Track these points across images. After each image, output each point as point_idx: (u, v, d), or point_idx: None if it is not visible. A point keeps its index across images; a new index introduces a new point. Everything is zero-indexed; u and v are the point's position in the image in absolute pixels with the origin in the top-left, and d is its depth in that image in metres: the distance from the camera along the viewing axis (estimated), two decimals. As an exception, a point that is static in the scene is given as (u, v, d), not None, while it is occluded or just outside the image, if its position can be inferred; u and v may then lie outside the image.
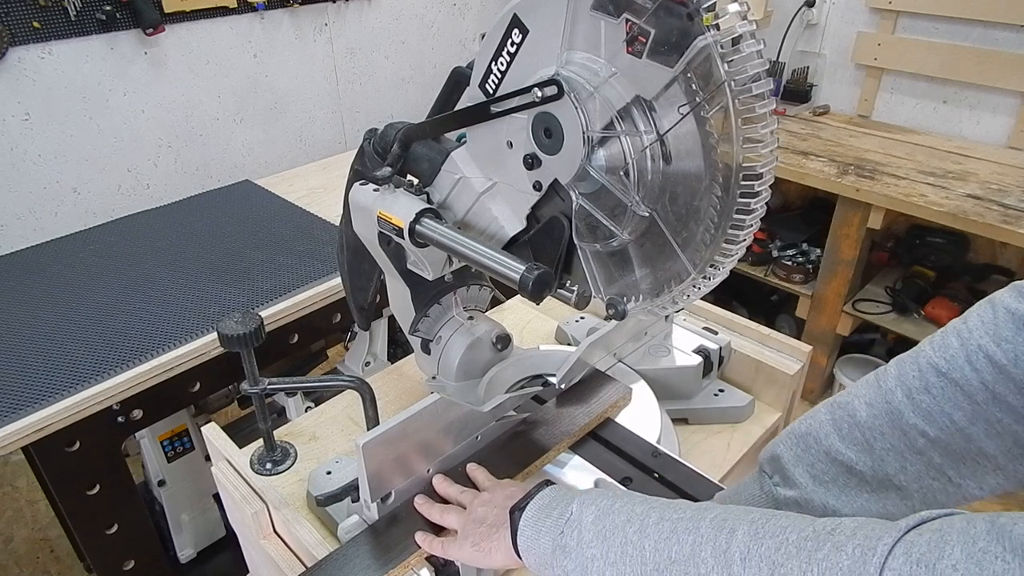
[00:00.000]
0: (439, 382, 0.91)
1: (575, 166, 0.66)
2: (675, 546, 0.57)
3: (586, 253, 0.72)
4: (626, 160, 0.63)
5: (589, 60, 0.62)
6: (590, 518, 0.64)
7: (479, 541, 0.73)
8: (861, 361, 2.60)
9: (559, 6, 0.62)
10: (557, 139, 0.67)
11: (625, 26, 0.58)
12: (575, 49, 0.63)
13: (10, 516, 2.23)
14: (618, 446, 0.95)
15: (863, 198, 2.16)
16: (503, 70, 0.69)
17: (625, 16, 0.58)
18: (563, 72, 0.64)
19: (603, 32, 0.60)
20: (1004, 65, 2.32)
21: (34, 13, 2.09)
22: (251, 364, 0.91)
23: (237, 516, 1.01)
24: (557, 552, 0.65)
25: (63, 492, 1.30)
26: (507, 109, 0.69)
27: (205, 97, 2.59)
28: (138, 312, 1.44)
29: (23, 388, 1.23)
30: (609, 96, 0.62)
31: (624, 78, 0.61)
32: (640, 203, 0.64)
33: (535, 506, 0.70)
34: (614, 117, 0.62)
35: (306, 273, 1.56)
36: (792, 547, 0.51)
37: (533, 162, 0.71)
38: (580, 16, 0.61)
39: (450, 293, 0.91)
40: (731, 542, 0.54)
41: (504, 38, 0.67)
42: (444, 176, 0.82)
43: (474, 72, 0.72)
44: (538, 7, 0.64)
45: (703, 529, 0.57)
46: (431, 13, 3.17)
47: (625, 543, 0.60)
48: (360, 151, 0.93)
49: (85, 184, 2.39)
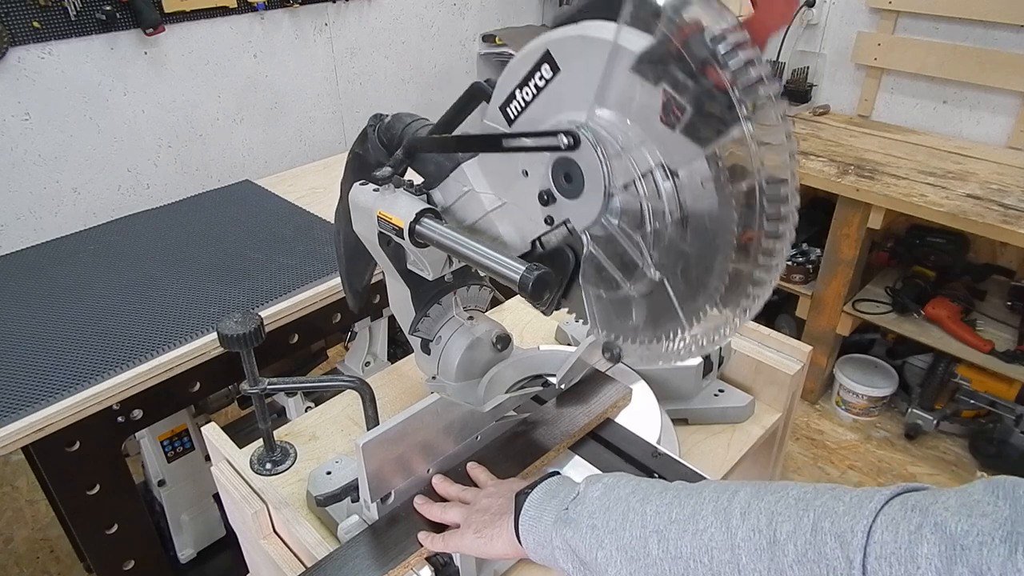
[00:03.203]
0: (439, 382, 0.91)
1: (592, 217, 0.64)
2: (676, 509, 0.58)
3: (589, 295, 0.70)
4: (643, 220, 0.61)
5: (619, 118, 0.59)
6: (596, 493, 0.65)
7: (481, 528, 0.73)
8: (861, 361, 2.60)
9: (596, 58, 0.58)
10: (577, 186, 0.64)
11: (662, 95, 0.55)
12: (606, 104, 0.60)
13: (10, 516, 2.23)
14: (618, 446, 0.96)
15: (863, 198, 2.16)
16: (527, 100, 0.65)
17: (663, 86, 0.55)
18: (592, 124, 0.60)
19: (638, 94, 0.57)
20: (1004, 65, 2.32)
21: (34, 13, 2.09)
22: (251, 364, 0.91)
23: (237, 516, 1.01)
24: (558, 524, 0.65)
25: (63, 492, 1.30)
26: (527, 147, 0.66)
27: (205, 97, 2.59)
28: (138, 312, 1.44)
29: (23, 388, 1.23)
30: (635, 156, 0.59)
31: (652, 143, 0.58)
32: (652, 265, 0.62)
33: (542, 489, 0.70)
34: (637, 178, 0.60)
35: (306, 273, 1.56)
36: (791, 499, 0.53)
37: (548, 199, 0.68)
38: (617, 73, 0.57)
39: (450, 293, 0.91)
40: (732, 501, 0.55)
41: (534, 69, 0.63)
42: (451, 184, 0.80)
43: (496, 91, 0.68)
44: (574, 51, 0.60)
45: (705, 493, 0.58)
46: (431, 13, 3.17)
47: (627, 510, 0.61)
48: (363, 135, 0.91)
49: (85, 184, 2.39)
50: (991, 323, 2.28)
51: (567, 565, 0.65)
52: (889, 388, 2.49)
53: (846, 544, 0.48)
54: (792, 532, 0.51)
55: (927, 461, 2.37)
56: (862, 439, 2.48)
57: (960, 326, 2.22)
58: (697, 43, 0.52)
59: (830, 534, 0.49)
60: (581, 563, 0.64)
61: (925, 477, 2.30)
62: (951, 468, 2.34)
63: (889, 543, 0.46)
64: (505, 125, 0.68)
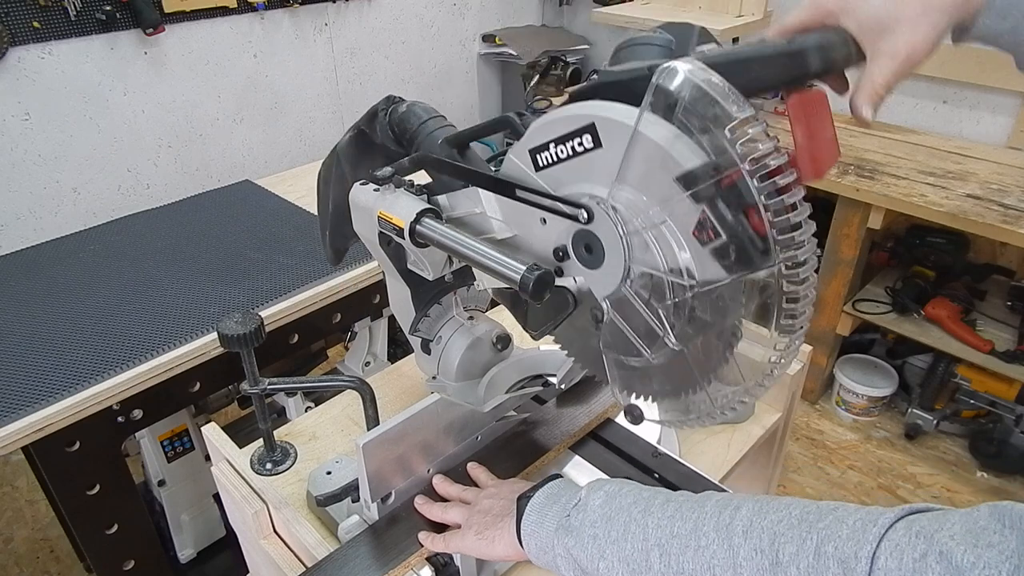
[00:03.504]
0: (439, 382, 0.91)
1: (612, 287, 0.62)
2: (678, 523, 0.58)
3: (610, 359, 0.69)
4: (664, 292, 0.59)
5: (639, 197, 0.58)
6: (598, 501, 0.64)
7: (483, 530, 0.73)
8: (861, 361, 2.60)
9: (646, 161, 0.55)
10: (597, 258, 0.63)
11: (699, 214, 0.53)
12: (645, 202, 0.57)
13: (10, 516, 2.23)
14: (618, 446, 0.96)
15: (863, 198, 2.16)
16: (560, 158, 0.62)
17: (703, 207, 0.53)
18: (624, 213, 0.59)
19: (677, 206, 0.55)
20: (1004, 65, 2.29)
21: (34, 13, 2.09)
22: (251, 364, 0.91)
23: (237, 516, 1.01)
24: (560, 531, 0.65)
25: (63, 492, 1.30)
26: (544, 206, 0.64)
27: (205, 97, 2.59)
28: (138, 312, 1.44)
29: (23, 388, 1.23)
30: (655, 234, 0.58)
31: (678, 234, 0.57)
32: (672, 336, 0.61)
33: (544, 493, 0.70)
34: (657, 255, 0.58)
35: (306, 273, 1.56)
36: (794, 519, 0.52)
37: (563, 256, 0.66)
38: (661, 178, 0.55)
39: (450, 293, 0.91)
40: (734, 517, 0.55)
41: (574, 134, 0.60)
42: (461, 198, 0.77)
43: (530, 134, 0.65)
44: (622, 139, 0.56)
45: (708, 507, 0.57)
46: (431, 13, 3.17)
47: (629, 521, 0.61)
48: (373, 114, 0.87)
49: (85, 184, 2.39)
50: (991, 323, 2.27)
51: (568, 573, 0.65)
52: (889, 388, 2.49)
53: (849, 570, 0.47)
54: (795, 554, 0.50)
55: (927, 461, 2.37)
56: (862, 439, 2.48)
57: (960, 326, 2.22)
58: (745, 187, 0.50)
59: (833, 558, 0.48)
60: (583, 571, 0.64)
61: (925, 477, 2.31)
62: (951, 468, 2.34)
63: (893, 570, 0.45)
64: (531, 168, 0.66)
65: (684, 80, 0.52)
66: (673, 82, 0.52)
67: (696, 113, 0.52)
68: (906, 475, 2.32)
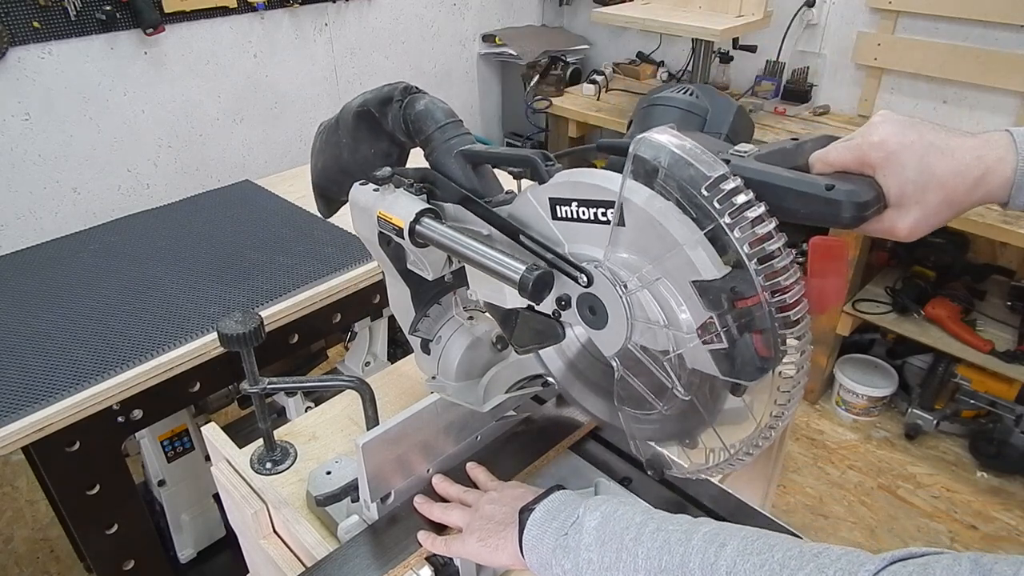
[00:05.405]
0: (439, 382, 0.91)
1: (618, 346, 0.64)
2: (666, 556, 0.59)
3: (626, 414, 0.70)
4: (669, 350, 0.61)
5: (664, 306, 0.59)
6: (593, 523, 0.65)
7: (486, 537, 0.73)
8: (861, 361, 2.60)
9: (668, 258, 0.56)
10: (601, 319, 0.64)
11: (707, 319, 0.56)
12: (657, 291, 0.59)
13: (10, 516, 2.23)
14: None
15: (863, 198, 2.16)
16: (580, 217, 0.63)
17: (713, 315, 0.55)
18: (608, 264, 0.61)
19: (689, 306, 0.57)
20: (1004, 65, 2.32)
21: (34, 13, 2.09)
22: (251, 364, 0.91)
23: (237, 516, 1.01)
24: (558, 551, 0.66)
25: (63, 492, 1.30)
26: (547, 259, 0.65)
27: (205, 97, 2.59)
28: (138, 312, 1.44)
29: (23, 388, 1.23)
30: (653, 291, 0.60)
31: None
32: (680, 387, 0.62)
33: (544, 507, 0.70)
34: (658, 312, 0.61)
35: (306, 273, 1.56)
36: (776, 564, 0.53)
37: (565, 305, 0.67)
38: (678, 276, 0.57)
39: (450, 293, 0.91)
40: (719, 555, 0.56)
41: (603, 204, 0.61)
42: (469, 215, 0.77)
43: (556, 183, 0.65)
44: (649, 230, 0.57)
45: (695, 541, 0.58)
46: (431, 13, 3.17)
47: (620, 549, 0.62)
48: (387, 99, 0.84)
49: (85, 184, 2.39)
50: (991, 323, 2.27)
51: None
52: (889, 388, 2.49)
53: None
54: None
55: (927, 461, 2.37)
56: (862, 439, 2.48)
57: (960, 326, 2.22)
58: (760, 313, 0.54)
59: None
60: None
61: (925, 477, 2.31)
62: (951, 468, 2.34)
63: None
64: (548, 214, 0.66)
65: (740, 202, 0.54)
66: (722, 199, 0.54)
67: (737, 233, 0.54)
68: (906, 475, 2.32)
